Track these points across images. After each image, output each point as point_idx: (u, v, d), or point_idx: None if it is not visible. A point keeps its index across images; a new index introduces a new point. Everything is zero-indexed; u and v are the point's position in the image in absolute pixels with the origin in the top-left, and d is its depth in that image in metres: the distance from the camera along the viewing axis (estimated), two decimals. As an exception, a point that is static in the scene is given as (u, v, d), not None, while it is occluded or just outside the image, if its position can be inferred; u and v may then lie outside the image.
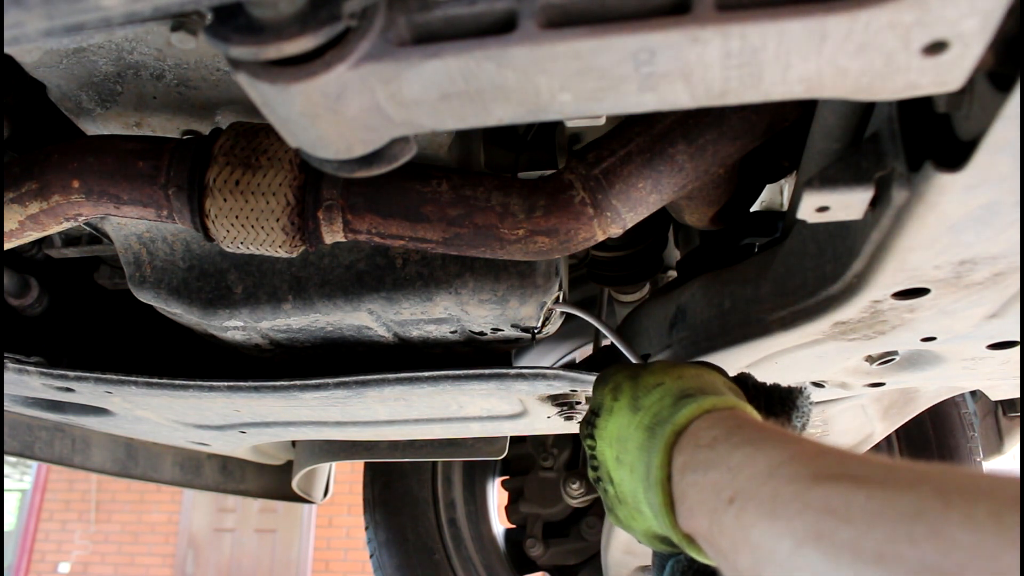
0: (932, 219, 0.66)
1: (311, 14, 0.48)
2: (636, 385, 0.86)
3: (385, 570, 2.45)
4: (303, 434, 1.69)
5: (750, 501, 0.61)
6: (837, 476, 0.56)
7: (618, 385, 0.88)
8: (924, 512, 0.48)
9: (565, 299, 1.20)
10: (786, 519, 0.56)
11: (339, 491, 3.18)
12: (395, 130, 0.58)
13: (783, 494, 0.58)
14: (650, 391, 0.83)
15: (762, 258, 1.02)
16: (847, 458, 0.60)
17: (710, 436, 0.71)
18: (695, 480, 0.69)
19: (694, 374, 0.85)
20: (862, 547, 0.49)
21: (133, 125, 0.98)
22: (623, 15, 0.48)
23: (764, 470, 0.62)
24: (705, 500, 0.67)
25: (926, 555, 0.46)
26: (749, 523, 0.60)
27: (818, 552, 0.52)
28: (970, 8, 0.44)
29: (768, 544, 0.57)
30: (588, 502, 2.34)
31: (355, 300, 1.09)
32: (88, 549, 9.03)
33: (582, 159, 0.86)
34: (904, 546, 0.47)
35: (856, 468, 0.57)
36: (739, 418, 0.74)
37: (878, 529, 0.49)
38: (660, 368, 0.88)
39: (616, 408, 0.86)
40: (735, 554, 0.61)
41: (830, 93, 0.53)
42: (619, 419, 0.85)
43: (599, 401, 0.91)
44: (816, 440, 0.67)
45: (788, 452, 0.63)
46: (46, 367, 1.25)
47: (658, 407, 0.80)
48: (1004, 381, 1.19)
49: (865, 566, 0.49)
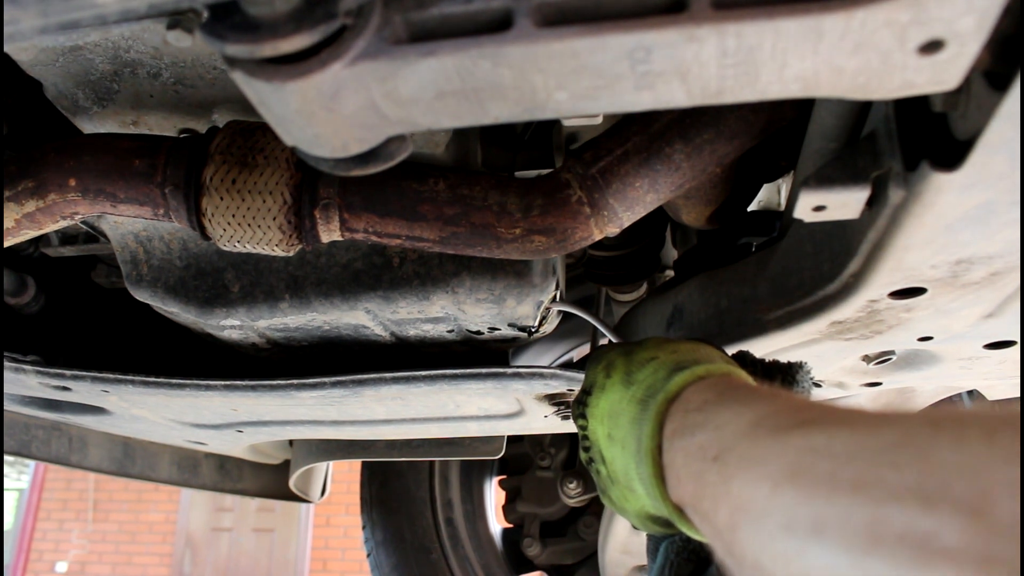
0: (929, 218, 0.66)
1: (307, 12, 0.48)
2: (629, 360, 0.83)
3: (382, 569, 2.44)
4: (300, 433, 1.69)
5: (731, 454, 0.58)
6: (821, 420, 0.53)
7: (611, 362, 0.86)
8: (912, 438, 0.45)
9: (562, 298, 1.20)
10: (763, 464, 0.53)
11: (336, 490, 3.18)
12: (391, 128, 0.58)
13: (764, 441, 0.55)
14: (644, 365, 0.81)
15: (759, 257, 1.02)
16: (836, 407, 0.57)
17: (701, 400, 0.69)
18: (683, 445, 0.67)
19: (689, 348, 0.83)
20: (840, 477, 0.46)
21: (130, 123, 0.98)
22: (619, 13, 0.48)
23: (748, 423, 0.59)
24: (691, 463, 0.64)
25: (908, 478, 0.43)
26: (730, 475, 0.57)
27: (794, 488, 0.49)
28: (966, 7, 0.44)
29: (746, 492, 0.54)
30: (585, 501, 2.34)
31: (352, 299, 1.09)
32: (85, 548, 9.02)
33: (579, 158, 0.86)
34: (886, 471, 0.44)
35: (843, 412, 0.54)
36: (732, 382, 0.72)
37: (859, 459, 0.46)
38: (654, 343, 0.85)
39: (608, 385, 0.84)
40: (715, 512, 0.58)
41: (826, 92, 0.53)
42: (611, 395, 0.82)
43: (591, 379, 0.88)
44: (805, 397, 0.65)
45: (774, 405, 0.60)
46: (43, 366, 1.25)
47: (652, 379, 0.78)
48: (1001, 381, 1.19)
49: (840, 495, 0.45)
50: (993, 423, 0.42)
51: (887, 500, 0.43)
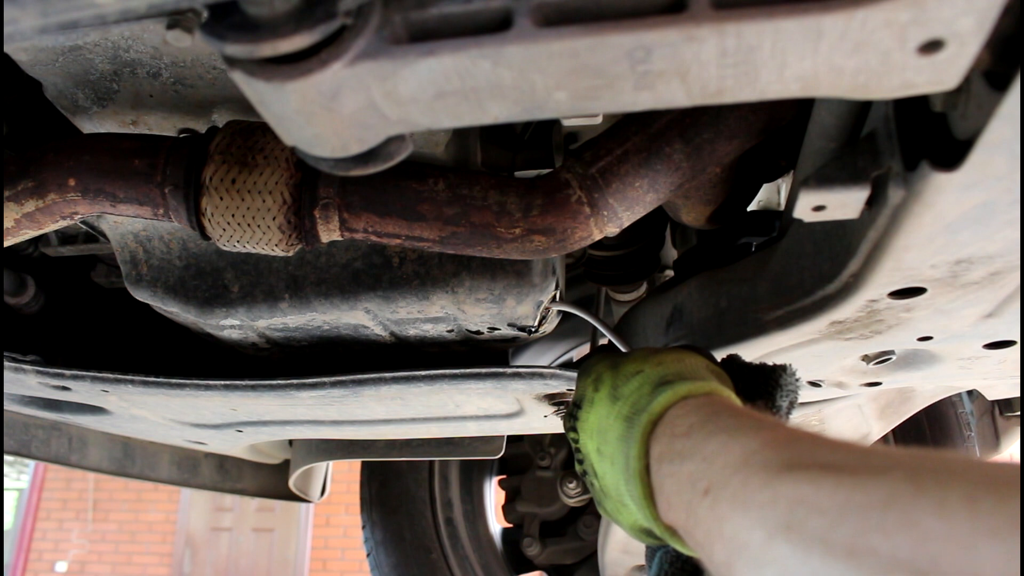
0: (928, 218, 0.66)
1: (306, 12, 0.48)
2: (616, 374, 0.84)
3: (382, 569, 2.44)
4: (300, 433, 1.69)
5: (723, 491, 0.60)
6: (808, 464, 0.55)
7: (599, 375, 0.86)
8: (895, 499, 0.46)
9: (562, 298, 1.20)
10: (757, 510, 0.55)
11: (336, 490, 3.18)
12: (391, 128, 0.58)
13: (754, 484, 0.56)
14: (629, 379, 0.81)
15: (759, 257, 1.02)
16: (820, 444, 0.58)
17: (686, 424, 0.70)
18: (672, 471, 0.68)
19: (674, 359, 0.83)
20: (833, 539, 0.47)
21: (129, 123, 0.98)
22: (619, 13, 0.48)
23: (737, 459, 0.60)
24: (681, 491, 0.65)
25: (898, 547, 0.44)
26: (722, 515, 0.58)
27: (788, 544, 0.50)
28: (966, 7, 0.44)
29: (741, 536, 0.55)
30: (585, 501, 2.35)
31: (352, 299, 1.09)
32: (85, 548, 9.02)
33: (579, 158, 0.86)
34: (876, 537, 0.45)
35: (827, 455, 0.55)
36: (716, 404, 0.72)
37: (849, 519, 0.47)
38: (640, 355, 0.85)
39: (596, 399, 0.84)
40: (710, 546, 0.60)
41: (826, 92, 0.53)
42: (599, 410, 0.83)
43: (581, 392, 0.89)
44: (792, 426, 0.65)
45: (761, 439, 0.61)
46: (42, 366, 1.25)
47: (636, 396, 0.78)
48: (1001, 380, 1.19)
49: (836, 560, 0.47)
50: (974, 489, 0.43)
51: (880, 571, 0.44)
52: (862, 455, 0.53)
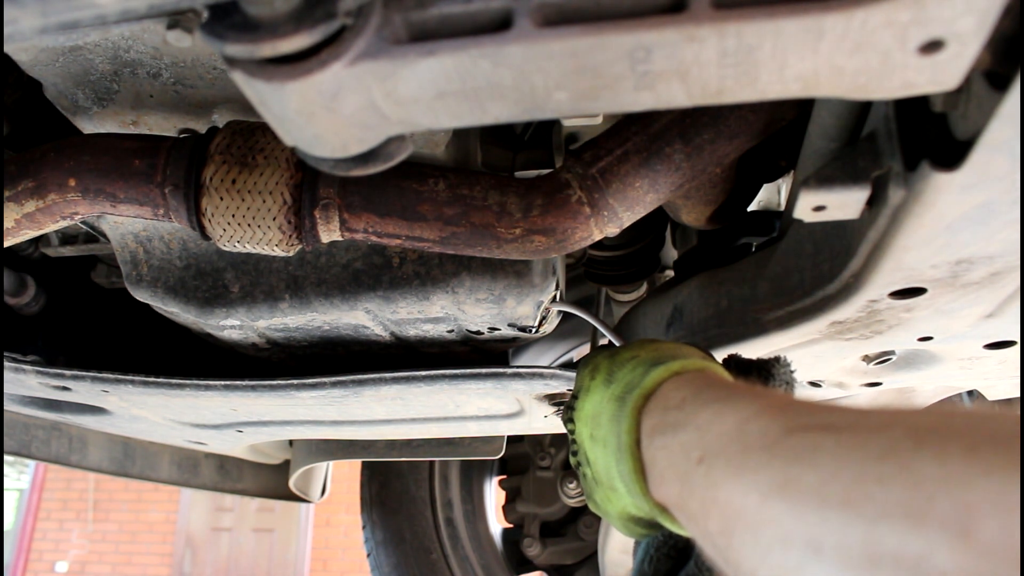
0: (929, 218, 0.66)
1: (306, 12, 0.48)
2: (612, 361, 0.84)
3: (382, 569, 2.44)
4: (300, 433, 1.69)
5: (718, 459, 0.58)
6: (806, 426, 0.54)
7: (596, 365, 0.86)
8: (895, 451, 0.45)
9: (562, 298, 1.20)
10: (752, 473, 0.53)
11: (337, 490, 3.18)
12: (391, 128, 0.58)
13: (751, 448, 0.55)
14: (624, 364, 0.81)
15: (759, 257, 1.02)
16: (818, 408, 0.57)
17: (678, 397, 0.69)
18: (664, 443, 0.67)
19: (671, 347, 0.83)
20: (828, 492, 0.46)
21: (130, 123, 0.98)
22: (619, 14, 0.48)
23: (732, 426, 0.59)
24: (675, 463, 0.64)
25: (893, 493, 0.43)
26: (717, 482, 0.57)
27: (784, 502, 0.49)
28: (966, 7, 0.44)
29: (736, 501, 0.54)
30: (585, 501, 2.34)
31: (352, 299, 1.09)
32: (86, 548, 9.02)
33: (579, 158, 0.86)
34: (872, 486, 0.44)
35: (827, 417, 0.54)
36: (708, 377, 0.72)
37: (845, 472, 0.47)
38: (638, 344, 0.85)
39: (592, 386, 0.84)
40: (705, 517, 0.59)
41: (827, 92, 0.53)
42: (594, 395, 0.83)
43: (579, 383, 0.89)
44: (786, 394, 0.64)
45: (757, 406, 0.60)
46: (43, 366, 1.25)
47: (630, 377, 0.78)
48: (1001, 381, 1.19)
49: (831, 510, 0.46)
50: (975, 439, 0.43)
51: (877, 518, 0.43)
52: (861, 414, 0.52)
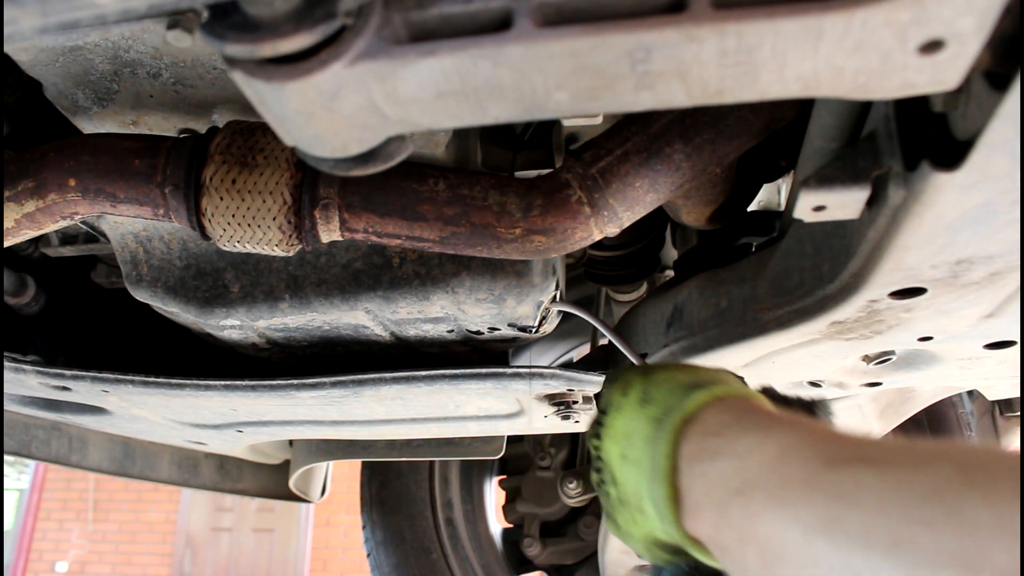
0: (929, 218, 0.66)
1: (306, 12, 0.48)
2: (648, 380, 0.81)
3: (382, 569, 2.44)
4: (300, 433, 1.69)
5: (757, 490, 0.57)
6: (849, 459, 0.52)
7: (628, 382, 0.84)
8: (941, 492, 0.43)
9: (562, 298, 1.20)
10: (794, 507, 0.52)
11: (337, 490, 3.18)
12: (391, 128, 0.58)
13: (792, 480, 0.54)
14: (661, 385, 0.79)
15: (759, 257, 1.02)
16: (861, 441, 0.55)
17: (718, 423, 0.67)
18: (702, 471, 0.65)
19: (710, 372, 0.81)
20: (875, 533, 0.45)
21: (130, 123, 0.98)
22: (619, 13, 0.48)
23: (773, 456, 0.58)
24: (712, 492, 0.62)
25: (944, 539, 0.42)
26: (756, 514, 0.55)
27: (828, 542, 0.48)
28: (966, 7, 0.44)
29: (776, 537, 0.53)
30: (585, 501, 2.34)
31: (352, 299, 1.09)
32: (86, 548, 9.02)
33: (579, 158, 0.86)
34: (919, 530, 0.43)
35: (870, 450, 0.53)
36: (750, 405, 0.70)
37: (891, 512, 0.45)
38: (673, 365, 0.83)
39: (625, 404, 0.81)
40: (742, 550, 0.57)
41: (827, 92, 0.53)
42: (627, 413, 0.80)
43: (607, 399, 0.86)
44: (826, 424, 0.63)
45: (798, 436, 0.59)
46: (43, 366, 1.25)
47: (668, 399, 0.75)
48: (1001, 381, 1.19)
49: (878, 555, 0.44)
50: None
51: (929, 566, 0.42)
52: (906, 448, 0.51)
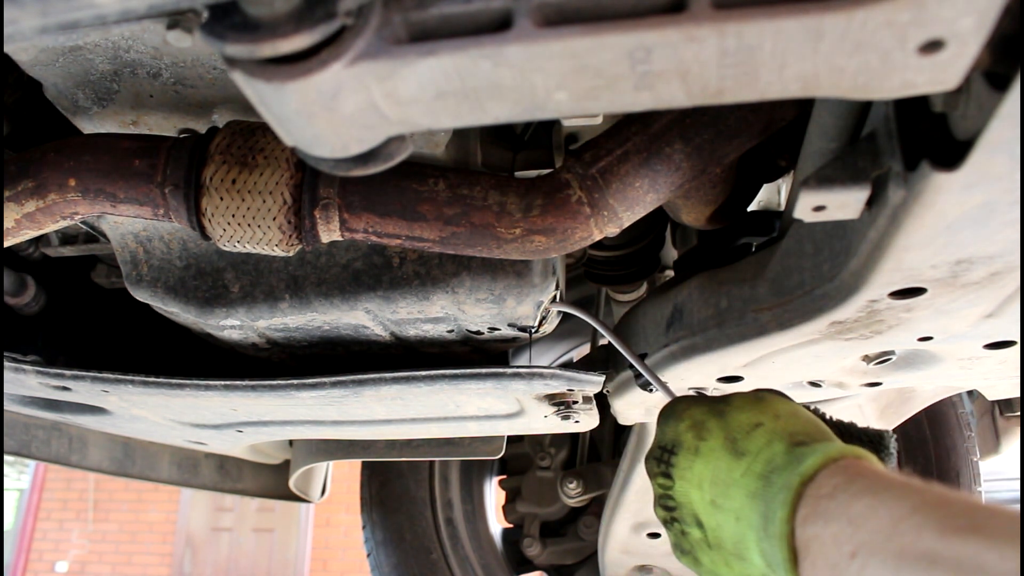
0: (929, 218, 0.66)
1: (306, 12, 0.48)
2: (727, 424, 0.83)
3: (382, 569, 2.44)
4: (300, 433, 1.69)
5: (873, 557, 0.59)
6: (965, 529, 0.54)
7: (701, 423, 0.86)
8: None
9: (562, 298, 1.20)
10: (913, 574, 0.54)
11: (337, 490, 3.18)
12: (391, 128, 0.58)
13: (908, 550, 0.55)
14: (749, 433, 0.81)
15: (759, 257, 1.02)
16: (975, 509, 0.57)
17: (831, 485, 0.69)
18: (816, 532, 0.67)
19: (787, 410, 0.83)
20: None
21: (130, 123, 0.98)
22: (619, 14, 0.48)
23: (887, 523, 0.60)
24: (826, 554, 0.65)
25: None
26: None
27: None
28: (966, 7, 0.44)
29: None
30: (585, 501, 2.34)
31: (352, 299, 1.09)
32: (86, 548, 9.02)
33: (579, 158, 0.86)
34: None
35: (986, 520, 0.54)
36: (860, 467, 0.72)
37: None
38: (745, 403, 0.85)
39: (705, 449, 0.83)
40: None
41: (826, 92, 0.53)
42: (713, 462, 0.82)
43: (674, 438, 0.88)
44: (939, 488, 0.65)
45: (911, 503, 0.60)
46: (43, 366, 1.25)
47: (769, 453, 0.78)
48: (1001, 381, 1.19)
49: None
50: None
51: None
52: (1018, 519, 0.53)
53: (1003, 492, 5.52)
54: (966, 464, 2.08)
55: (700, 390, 1.24)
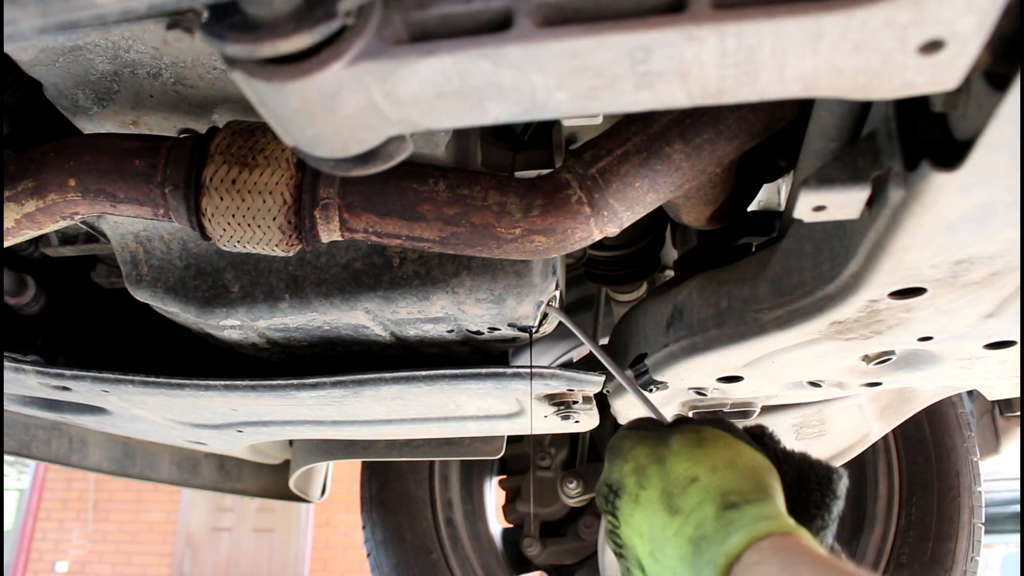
0: (929, 218, 0.66)
1: (306, 12, 0.48)
2: (666, 475, 0.84)
3: (382, 569, 2.44)
4: (300, 433, 1.69)
5: None
6: None
7: (642, 468, 0.87)
8: None
9: (562, 298, 1.20)
10: None
11: (337, 490, 3.18)
12: (391, 128, 0.58)
13: None
14: (685, 489, 0.82)
15: (759, 257, 1.02)
16: None
17: (760, 568, 0.70)
18: None
19: (724, 459, 0.83)
20: None
21: (130, 123, 0.98)
22: (619, 13, 0.48)
23: None
24: None
25: None
26: None
27: None
28: (966, 7, 0.44)
29: None
30: (585, 501, 2.34)
31: (352, 299, 1.09)
32: (86, 548, 9.02)
33: (579, 158, 0.86)
34: None
35: None
36: (792, 550, 0.72)
37: None
38: (686, 450, 0.85)
39: (644, 499, 0.84)
40: None
41: (826, 92, 0.53)
42: (650, 516, 0.83)
43: (617, 478, 0.89)
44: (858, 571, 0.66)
45: None
46: (43, 366, 1.25)
47: (699, 516, 0.79)
48: (1001, 381, 1.19)
49: None
50: None
51: None
52: None
53: (1003, 492, 5.52)
54: (966, 464, 2.08)
55: (700, 390, 1.24)
